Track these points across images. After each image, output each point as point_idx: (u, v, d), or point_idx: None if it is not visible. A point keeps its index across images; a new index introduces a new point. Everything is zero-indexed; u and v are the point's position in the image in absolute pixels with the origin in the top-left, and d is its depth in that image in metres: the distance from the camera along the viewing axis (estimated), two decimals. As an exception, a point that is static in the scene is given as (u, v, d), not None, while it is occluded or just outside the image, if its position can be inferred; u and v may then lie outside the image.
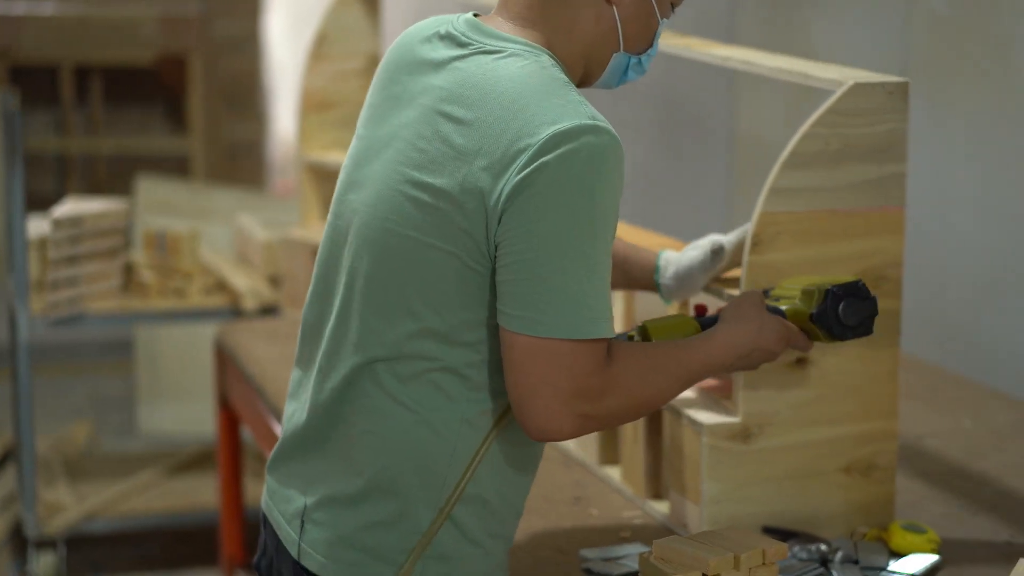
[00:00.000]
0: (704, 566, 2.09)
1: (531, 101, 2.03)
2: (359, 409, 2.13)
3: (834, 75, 2.50)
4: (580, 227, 2.00)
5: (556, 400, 2.02)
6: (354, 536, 2.13)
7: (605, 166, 2.02)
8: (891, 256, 2.50)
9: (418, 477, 2.11)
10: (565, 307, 2.00)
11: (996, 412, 3.26)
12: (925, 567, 2.43)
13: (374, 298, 2.11)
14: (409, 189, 2.08)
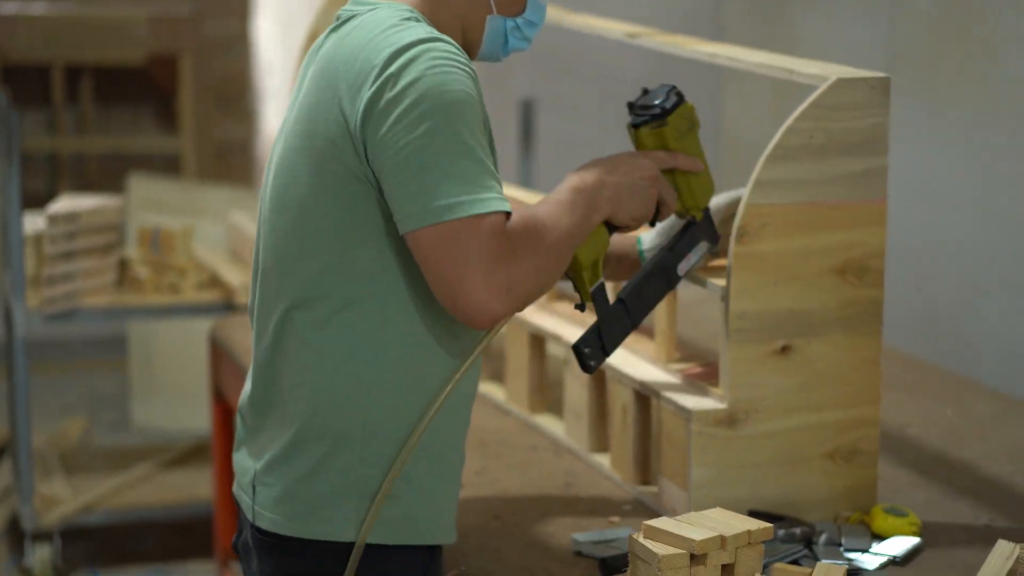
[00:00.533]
0: (691, 546, 2.14)
1: (376, 35, 2.18)
2: (286, 365, 2.25)
3: (817, 70, 2.56)
4: (440, 116, 2.11)
5: (477, 276, 2.10)
6: (294, 489, 2.23)
7: (447, 63, 2.14)
8: (873, 247, 2.56)
9: (342, 422, 2.21)
10: (451, 189, 2.10)
11: (977, 402, 3.32)
12: (907, 549, 2.49)
13: (279, 250, 2.24)
14: (296, 145, 2.23)
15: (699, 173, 2.45)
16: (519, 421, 3.15)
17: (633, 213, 2.31)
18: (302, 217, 2.21)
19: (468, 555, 2.50)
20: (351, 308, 2.20)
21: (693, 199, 2.46)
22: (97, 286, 4.75)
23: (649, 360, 2.78)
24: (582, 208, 2.24)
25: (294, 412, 2.24)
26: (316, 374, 2.22)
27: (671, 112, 2.42)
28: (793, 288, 2.53)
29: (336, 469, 2.22)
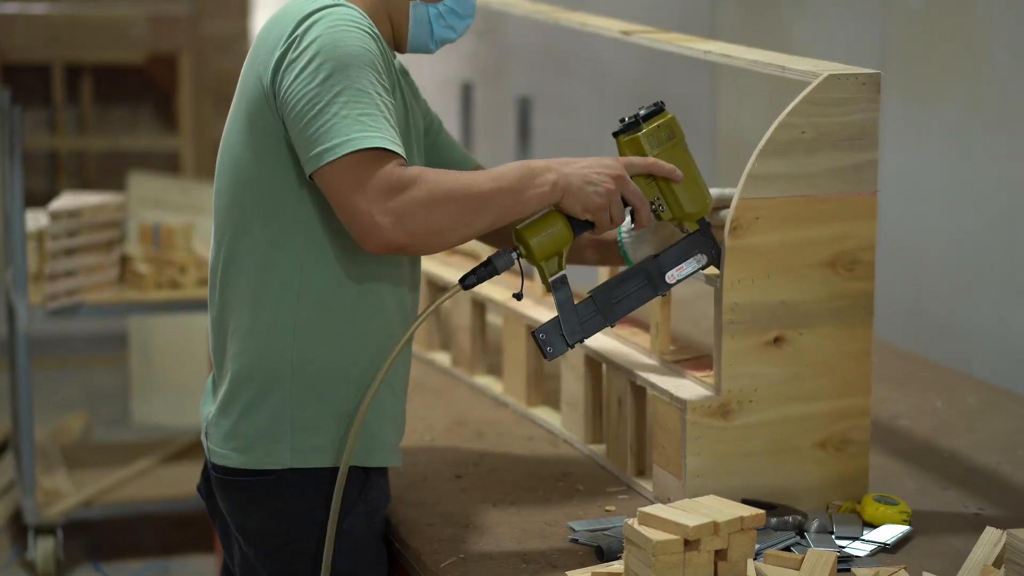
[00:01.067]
0: (685, 531, 2.19)
1: (290, 8, 2.42)
2: (226, 315, 2.50)
3: (809, 67, 2.61)
4: (334, 66, 2.32)
5: (366, 203, 2.28)
6: (237, 426, 2.49)
7: (345, 23, 2.36)
8: (864, 240, 2.61)
9: (271, 362, 2.45)
10: (343, 130, 2.29)
11: (967, 394, 3.36)
12: (897, 536, 2.53)
13: (219, 209, 2.50)
14: (233, 114, 2.49)
15: (686, 183, 2.49)
16: (516, 413, 3.19)
17: (584, 203, 2.38)
18: (235, 175, 2.46)
19: (467, 542, 2.54)
20: (274, 256, 2.43)
21: (680, 209, 2.49)
22: (99, 282, 4.79)
23: (644, 352, 2.83)
24: (513, 180, 2.36)
25: (232, 356, 2.49)
26: (246, 320, 2.46)
27: (645, 120, 2.50)
28: (785, 280, 2.57)
29: (271, 405, 2.46)
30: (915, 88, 4.60)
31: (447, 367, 3.47)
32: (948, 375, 3.53)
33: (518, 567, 2.44)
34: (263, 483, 2.48)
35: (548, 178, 2.37)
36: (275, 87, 2.37)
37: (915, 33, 4.62)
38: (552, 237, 2.40)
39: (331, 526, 2.43)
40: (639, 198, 2.44)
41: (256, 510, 2.52)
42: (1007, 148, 4.22)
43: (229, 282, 2.48)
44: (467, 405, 3.25)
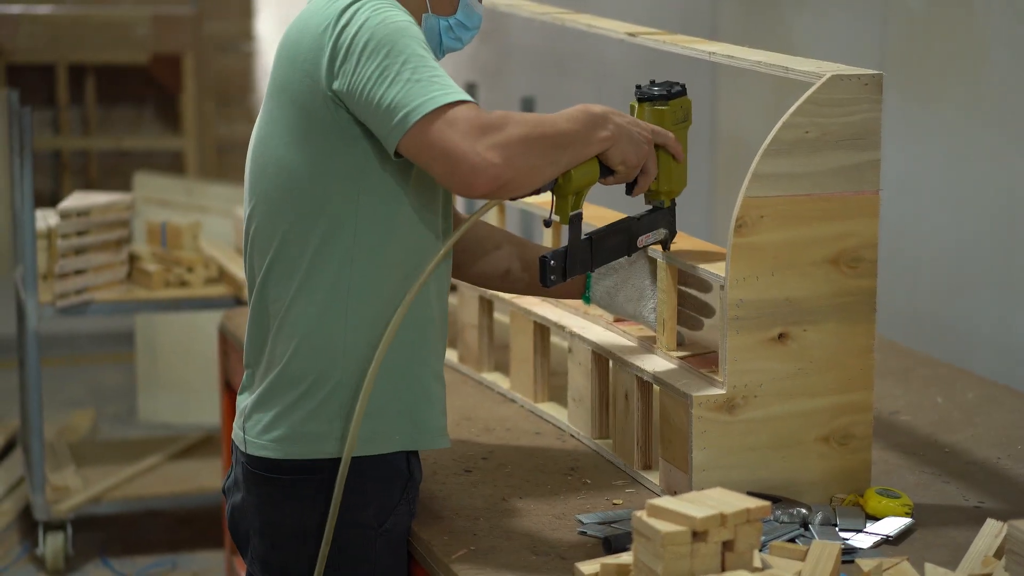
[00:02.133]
0: (693, 523, 2.22)
1: (323, 5, 2.49)
2: (270, 312, 2.56)
3: (812, 68, 2.65)
4: (389, 41, 2.39)
5: (471, 145, 2.34)
6: (280, 418, 2.54)
7: (383, 6, 2.44)
8: (866, 238, 2.65)
9: (322, 361, 2.52)
10: (421, 91, 2.37)
11: (966, 389, 3.41)
12: (899, 529, 2.57)
13: (262, 210, 2.55)
14: (272, 115, 2.54)
15: (679, 164, 2.68)
16: (523, 409, 3.24)
17: (626, 156, 2.53)
18: (280, 176, 2.51)
19: (477, 535, 2.58)
20: (324, 252, 2.50)
21: (668, 184, 2.69)
22: (108, 281, 4.84)
23: (651, 348, 2.87)
24: (583, 123, 2.48)
25: (279, 353, 2.55)
26: (295, 315, 2.52)
27: (673, 98, 2.68)
28: (789, 277, 2.61)
29: (320, 397, 2.53)
30: (915, 88, 4.64)
31: (455, 364, 3.51)
32: (948, 371, 3.57)
33: (528, 559, 2.48)
34: (305, 477, 2.53)
35: (610, 126, 2.51)
36: (334, 80, 2.43)
37: (915, 33, 4.66)
38: (586, 174, 2.53)
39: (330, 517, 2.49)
40: (654, 168, 2.62)
41: (292, 505, 2.55)
42: (1006, 147, 4.26)
43: (273, 281, 2.54)
44: (475, 401, 3.30)
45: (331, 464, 2.51)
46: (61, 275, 4.71)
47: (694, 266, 2.72)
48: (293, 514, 2.56)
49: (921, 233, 4.62)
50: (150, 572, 5.07)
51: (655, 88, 2.69)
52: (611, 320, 3.01)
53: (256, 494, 2.58)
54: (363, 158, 2.47)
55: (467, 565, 2.47)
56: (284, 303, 2.53)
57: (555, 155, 2.44)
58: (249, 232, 2.58)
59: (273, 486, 2.56)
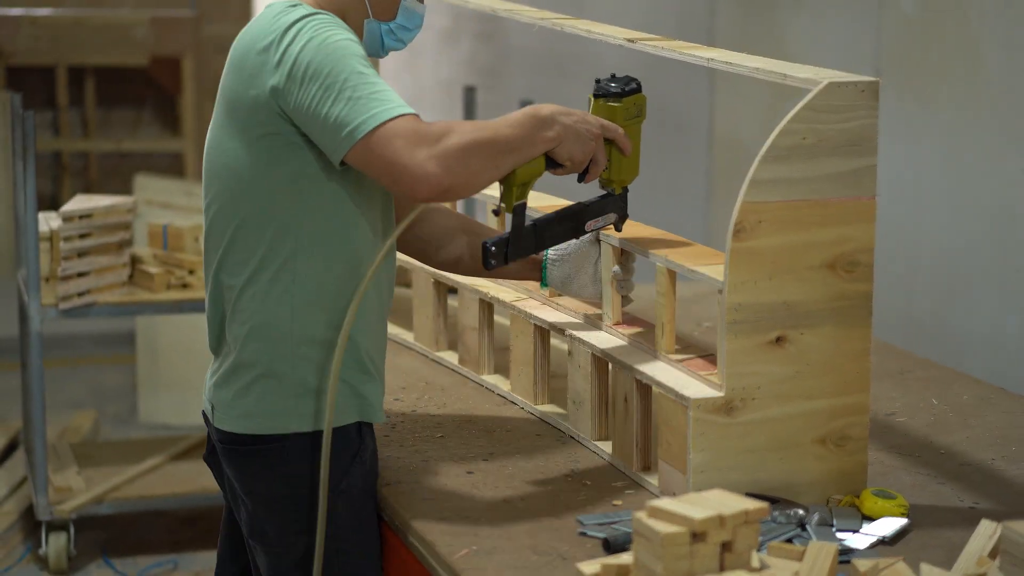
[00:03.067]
0: (692, 524, 2.26)
1: (269, 20, 2.65)
2: (225, 305, 2.76)
3: (810, 75, 2.69)
4: (332, 61, 2.56)
5: (408, 158, 2.53)
6: (240, 399, 2.74)
7: (326, 26, 2.61)
8: (863, 243, 2.69)
9: (273, 348, 2.71)
10: (364, 108, 2.54)
11: (961, 391, 3.44)
12: (895, 529, 2.61)
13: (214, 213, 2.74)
14: (222, 123, 2.71)
15: (629, 156, 2.87)
16: (524, 411, 3.27)
17: (572, 153, 2.73)
18: (232, 180, 2.70)
19: (479, 535, 2.62)
20: (274, 245, 2.69)
21: (618, 174, 2.89)
22: (110, 283, 4.88)
23: (650, 351, 2.91)
24: (527, 127, 2.66)
25: (234, 338, 2.75)
26: (247, 302, 2.72)
27: (627, 95, 2.87)
28: (787, 281, 2.65)
29: (270, 381, 2.73)
30: (910, 90, 4.67)
31: (455, 366, 3.55)
32: (944, 373, 3.60)
33: (529, 559, 2.52)
34: (268, 448, 2.74)
35: (555, 128, 2.70)
36: (279, 97, 2.61)
37: (910, 36, 4.69)
38: (531, 169, 2.72)
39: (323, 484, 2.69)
40: (603, 160, 2.80)
41: (262, 474, 2.76)
42: (1002, 149, 4.29)
43: (226, 271, 2.74)
44: (476, 403, 3.33)
45: (288, 438, 2.73)
46: (64, 277, 4.74)
47: (692, 270, 2.76)
48: (264, 482, 2.77)
49: (917, 236, 4.66)
50: (152, 572, 5.10)
51: (612, 85, 2.88)
52: (611, 323, 3.05)
53: (232, 466, 2.81)
54: (306, 164, 2.66)
55: (470, 564, 2.50)
56: (235, 291, 2.73)
57: (497, 160, 2.62)
58: (206, 225, 2.78)
59: (243, 457, 2.77)
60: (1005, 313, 4.25)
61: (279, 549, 2.79)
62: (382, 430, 3.14)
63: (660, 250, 2.88)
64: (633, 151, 2.88)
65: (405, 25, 2.85)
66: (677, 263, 2.81)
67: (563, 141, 2.70)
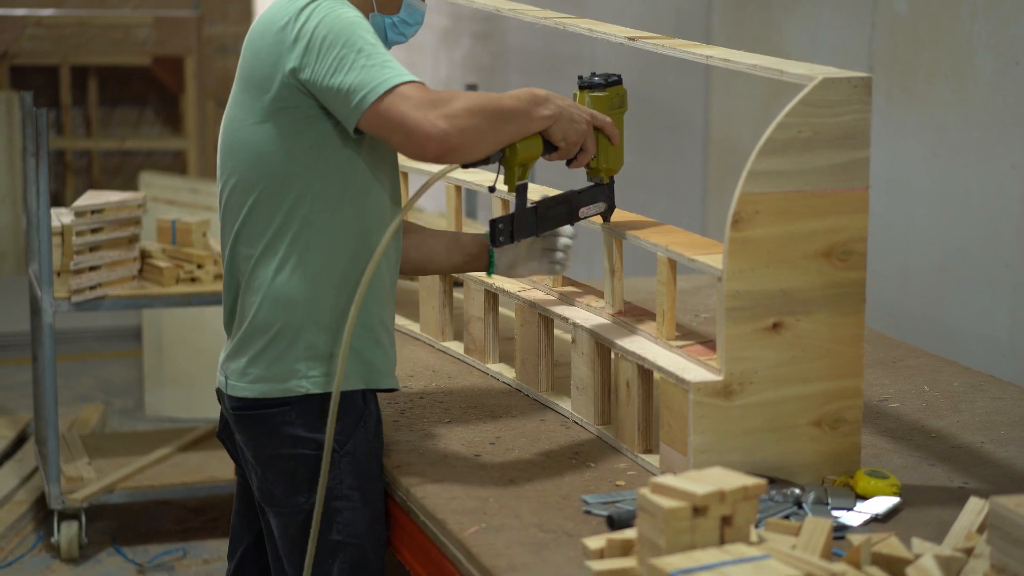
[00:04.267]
0: (694, 499, 2.35)
1: (283, 4, 2.84)
2: (240, 276, 2.92)
3: (805, 71, 2.78)
4: (343, 35, 2.75)
5: (419, 116, 2.69)
6: (252, 364, 2.90)
7: (336, 4, 2.80)
8: (856, 232, 2.78)
9: (285, 316, 2.87)
10: (376, 75, 2.72)
11: (951, 378, 3.54)
12: (888, 508, 2.71)
13: (230, 186, 2.90)
14: (240, 101, 2.88)
15: (615, 145, 3.03)
16: (529, 397, 3.37)
17: (567, 134, 2.90)
18: (248, 153, 2.86)
19: (488, 513, 2.71)
20: (288, 216, 2.85)
21: (606, 162, 3.04)
22: (120, 277, 4.97)
23: (651, 338, 3.01)
24: (526, 101, 2.84)
25: (248, 306, 2.90)
26: (263, 271, 2.88)
27: (610, 86, 3.05)
28: (783, 270, 2.75)
29: (282, 344, 2.89)
30: (902, 89, 4.74)
31: (461, 355, 3.64)
32: (934, 361, 3.70)
33: (536, 535, 2.61)
34: (278, 412, 2.90)
35: (551, 106, 2.87)
36: (297, 70, 2.78)
37: (901, 35, 4.76)
38: (530, 148, 2.88)
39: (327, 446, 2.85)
40: (592, 146, 2.98)
41: (272, 437, 2.91)
42: (990, 146, 4.36)
43: (243, 242, 2.90)
44: (482, 390, 3.43)
45: (299, 400, 2.89)
46: (76, 271, 4.83)
47: (692, 259, 2.86)
48: (270, 444, 2.92)
49: (908, 232, 4.73)
50: (161, 559, 5.18)
51: (595, 78, 3.05)
52: (613, 312, 3.15)
53: (243, 432, 2.97)
54: (320, 136, 2.83)
55: (480, 541, 2.60)
56: (251, 262, 2.89)
57: (499, 125, 2.79)
58: (222, 202, 2.94)
59: (255, 422, 2.93)
60: (994, 307, 4.33)
61: (287, 510, 2.94)
62: (391, 415, 3.24)
63: (660, 240, 2.98)
64: (620, 140, 3.04)
65: (407, 20, 3.02)
66: (677, 252, 2.91)
67: (558, 121, 2.87)
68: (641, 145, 6.66)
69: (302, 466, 2.91)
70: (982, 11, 4.37)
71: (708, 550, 2.32)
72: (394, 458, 3.01)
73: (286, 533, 2.97)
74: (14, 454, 5.98)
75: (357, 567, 2.94)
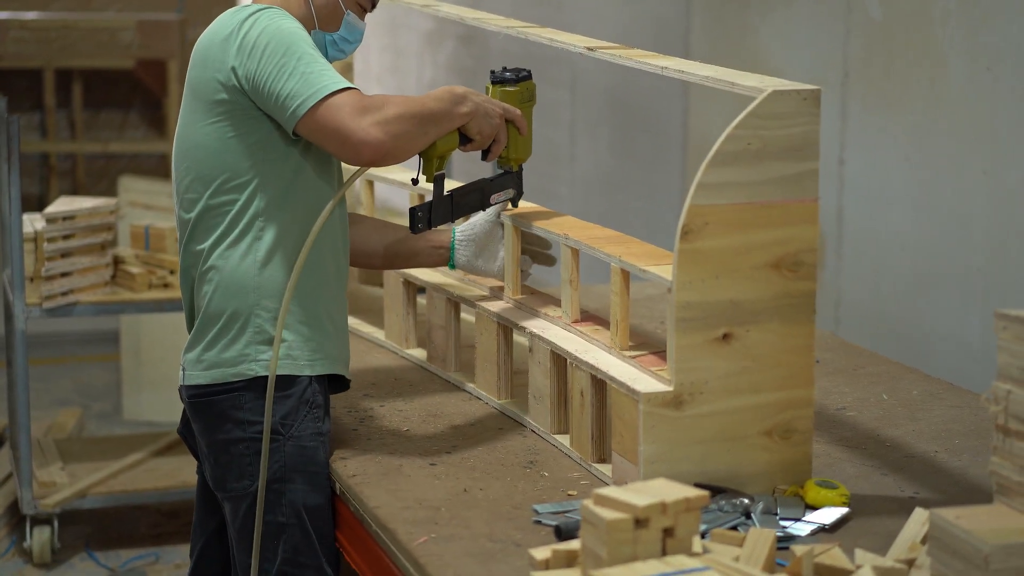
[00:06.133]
0: (635, 511, 2.37)
1: (228, 16, 3.01)
2: (194, 272, 3.08)
3: (755, 83, 2.80)
4: (283, 43, 2.92)
5: (353, 124, 2.87)
6: (206, 352, 3.06)
7: (278, 16, 2.98)
8: (806, 243, 2.80)
9: (234, 303, 3.03)
10: (313, 82, 2.90)
11: (911, 386, 3.56)
12: (836, 518, 2.72)
13: (182, 189, 3.08)
14: (190, 107, 3.05)
15: (523, 137, 3.26)
16: (487, 405, 3.38)
17: (482, 128, 3.11)
18: (200, 154, 3.03)
19: (439, 523, 2.73)
20: (240, 209, 3.02)
21: (515, 152, 3.27)
22: (93, 283, 4.98)
23: (605, 348, 3.02)
24: (448, 102, 3.05)
25: (202, 296, 3.07)
26: (217, 262, 3.03)
27: (520, 82, 3.30)
28: (733, 281, 2.76)
29: (233, 330, 3.04)
30: (876, 94, 4.76)
31: (423, 363, 3.66)
32: (896, 368, 3.71)
33: (484, 545, 2.63)
34: (229, 397, 3.04)
35: (469, 104, 3.09)
36: (239, 77, 2.94)
37: (876, 42, 4.77)
38: (447, 142, 3.09)
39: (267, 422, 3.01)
40: (505, 138, 3.20)
41: (222, 421, 3.05)
42: (963, 153, 4.37)
43: (197, 238, 3.06)
44: (442, 398, 3.44)
45: (248, 383, 3.03)
46: (47, 277, 4.85)
47: (643, 269, 2.87)
48: (221, 430, 3.06)
49: (882, 236, 4.75)
50: (134, 564, 5.19)
51: (507, 73, 3.29)
52: (570, 321, 3.16)
53: (197, 420, 3.11)
54: (265, 136, 3.00)
55: (428, 551, 2.61)
56: (204, 253, 3.05)
57: (426, 128, 2.98)
58: (177, 202, 3.11)
59: (207, 408, 3.07)
60: (967, 311, 4.34)
61: (236, 494, 3.07)
62: (350, 424, 3.26)
63: (613, 250, 2.99)
64: (528, 132, 3.27)
65: (347, 37, 3.20)
66: (629, 263, 2.92)
67: (474, 117, 3.08)
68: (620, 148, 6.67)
69: (249, 450, 3.04)
70: (954, 17, 4.39)
71: (649, 562, 2.33)
72: (350, 466, 3.03)
73: (236, 517, 3.09)
74: (-10, 458, 5.99)
75: (300, 548, 3.05)
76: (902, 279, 4.65)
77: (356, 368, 3.63)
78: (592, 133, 6.80)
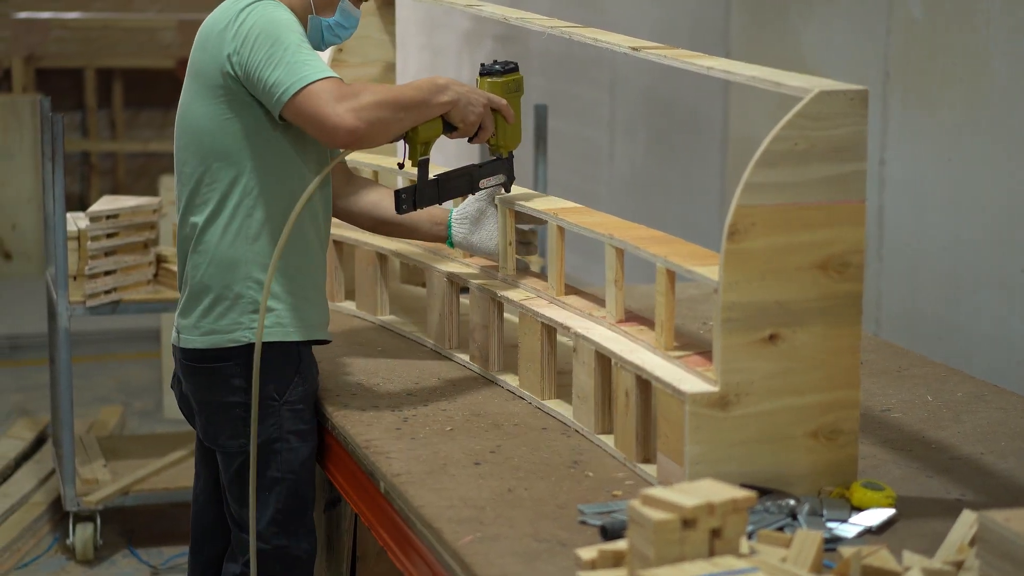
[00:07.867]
0: (683, 511, 2.37)
1: (228, 6, 3.23)
2: (188, 246, 3.32)
3: (802, 83, 2.79)
4: (272, 32, 3.13)
5: (329, 110, 3.08)
6: (199, 319, 3.31)
7: (271, 7, 3.19)
8: (852, 244, 2.79)
9: (224, 278, 3.27)
10: (297, 71, 3.11)
11: (956, 388, 3.54)
12: (882, 520, 2.72)
13: (181, 166, 3.33)
14: (191, 88, 3.28)
15: (511, 125, 3.43)
16: (531, 406, 3.39)
17: (464, 116, 3.31)
18: (198, 136, 3.27)
19: (483, 523, 2.73)
20: (233, 187, 3.25)
21: (504, 139, 3.45)
22: (135, 281, 5.01)
23: (650, 348, 3.02)
24: (426, 91, 3.25)
25: (195, 267, 3.31)
26: (211, 235, 3.28)
27: (507, 74, 3.46)
28: (779, 282, 2.75)
29: (227, 301, 3.29)
30: (917, 95, 4.75)
31: (466, 363, 3.66)
32: (940, 370, 3.70)
33: (530, 545, 2.63)
34: (224, 363, 3.30)
35: (451, 93, 3.28)
36: (233, 64, 3.16)
37: (917, 42, 4.76)
38: (431, 130, 3.29)
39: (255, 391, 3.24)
40: (490, 125, 3.38)
41: (217, 385, 3.32)
42: (1005, 153, 4.36)
43: (192, 211, 3.31)
44: (484, 398, 3.45)
45: (241, 350, 3.28)
46: (91, 275, 4.87)
47: (689, 270, 2.87)
48: (217, 393, 3.32)
49: (922, 236, 4.73)
50: (175, 561, 5.22)
51: (495, 66, 3.46)
52: (614, 321, 3.16)
53: (191, 382, 3.38)
54: (256, 119, 3.23)
55: (474, 551, 2.61)
56: (198, 227, 3.30)
57: (400, 115, 3.18)
58: (177, 177, 3.35)
59: (204, 373, 3.34)
60: (1009, 312, 4.33)
61: (231, 450, 3.35)
62: (394, 422, 3.27)
63: (659, 250, 2.99)
64: (517, 121, 3.45)
65: (343, 23, 3.41)
66: (675, 263, 2.92)
67: (456, 106, 3.28)
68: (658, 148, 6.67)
69: (241, 411, 3.31)
70: (997, 17, 4.37)
71: (697, 562, 2.33)
72: (395, 466, 3.03)
73: (229, 469, 3.38)
74: (33, 455, 6.03)
75: (292, 496, 3.36)
76: (943, 280, 4.64)
77: (399, 368, 3.64)
78: (631, 133, 6.80)
